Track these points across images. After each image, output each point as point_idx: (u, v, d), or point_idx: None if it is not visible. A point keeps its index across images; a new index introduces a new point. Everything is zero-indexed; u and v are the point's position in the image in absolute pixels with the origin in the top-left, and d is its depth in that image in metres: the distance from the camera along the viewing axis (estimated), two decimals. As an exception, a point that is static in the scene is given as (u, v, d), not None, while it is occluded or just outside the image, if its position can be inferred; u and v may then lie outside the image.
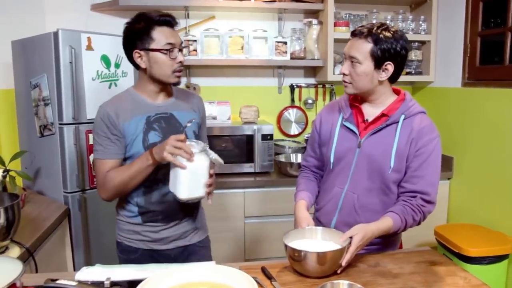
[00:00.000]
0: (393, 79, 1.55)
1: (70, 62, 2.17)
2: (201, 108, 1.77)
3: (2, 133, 2.62)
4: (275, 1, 3.02)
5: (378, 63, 1.47)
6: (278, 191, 2.82)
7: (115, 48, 2.39)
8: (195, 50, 3.04)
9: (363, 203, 1.57)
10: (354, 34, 1.52)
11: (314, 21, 3.06)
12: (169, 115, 1.65)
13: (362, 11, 3.20)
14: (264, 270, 1.41)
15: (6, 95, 2.62)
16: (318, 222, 1.70)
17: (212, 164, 1.53)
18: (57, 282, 1.03)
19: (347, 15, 3.13)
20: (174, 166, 1.46)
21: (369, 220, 1.52)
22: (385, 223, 1.47)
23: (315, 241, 1.49)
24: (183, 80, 3.26)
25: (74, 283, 1.04)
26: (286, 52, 3.10)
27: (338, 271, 1.38)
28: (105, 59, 2.36)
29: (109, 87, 2.38)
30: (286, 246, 1.39)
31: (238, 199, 2.82)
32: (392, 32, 1.47)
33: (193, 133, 1.70)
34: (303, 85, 3.38)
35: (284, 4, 3.05)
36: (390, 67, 1.48)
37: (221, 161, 1.52)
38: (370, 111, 1.58)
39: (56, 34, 2.15)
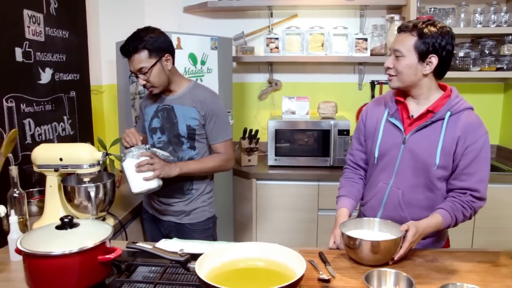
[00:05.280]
0: (439, 74, 1.55)
1: (162, 60, 2.44)
2: (205, 106, 1.88)
3: (106, 121, 3.02)
4: (356, -2, 3.04)
5: (422, 56, 1.48)
6: (351, 186, 2.86)
7: (201, 47, 2.62)
8: (277, 48, 3.19)
9: (408, 199, 1.59)
10: (400, 29, 1.54)
11: (396, 17, 3.02)
12: (170, 107, 1.92)
13: (449, 4, 3.07)
14: (321, 255, 1.51)
15: (110, 89, 3.01)
16: (363, 216, 1.71)
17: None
18: (137, 244, 1.24)
19: (432, 9, 3.03)
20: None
21: (414, 217, 1.53)
22: (435, 220, 1.49)
23: (372, 231, 1.54)
24: (266, 76, 3.43)
25: (150, 246, 1.24)
26: (366, 49, 3.10)
27: (390, 263, 1.42)
28: (192, 57, 2.60)
29: (195, 83, 2.62)
30: (342, 234, 1.47)
31: (313, 191, 2.91)
32: (438, 28, 1.47)
33: (186, 127, 1.89)
34: (384, 81, 3.35)
35: (366, 0, 3.05)
36: (434, 59, 1.48)
37: (167, 154, 1.84)
38: (415, 107, 1.59)
39: (150, 35, 2.43)
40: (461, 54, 3.05)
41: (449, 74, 2.98)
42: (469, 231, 2.89)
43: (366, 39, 3.10)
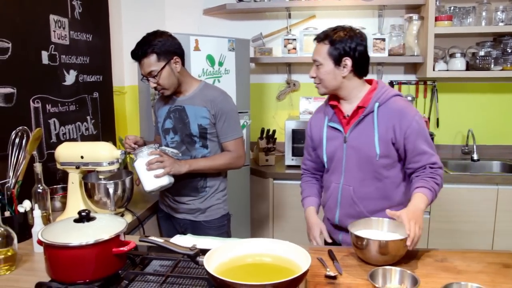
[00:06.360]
0: (360, 73, 1.65)
1: (180, 62, 2.51)
2: (215, 105, 1.92)
3: (128, 121, 3.12)
4: (374, -2, 3.04)
5: (337, 61, 1.60)
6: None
7: (219, 48, 2.68)
8: (294, 49, 3.22)
9: (359, 194, 1.69)
10: (315, 40, 1.67)
11: (415, 16, 3.00)
12: (182, 108, 1.97)
13: (470, 2, 3.03)
14: (330, 253, 1.53)
15: (132, 90, 3.10)
16: (326, 219, 1.86)
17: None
18: (149, 238, 1.30)
19: (451, 8, 3.00)
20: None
21: (370, 209, 1.66)
22: (419, 198, 1.53)
23: (382, 232, 1.55)
24: (284, 77, 3.47)
25: (161, 240, 1.29)
26: (384, 49, 3.09)
27: (410, 248, 1.40)
28: (210, 58, 2.66)
29: (213, 83, 2.68)
30: (351, 233, 1.48)
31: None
32: (346, 32, 1.60)
33: (197, 127, 1.94)
34: (403, 81, 3.33)
35: (384, 0, 3.04)
36: (348, 62, 1.59)
37: (176, 151, 1.91)
38: (348, 107, 1.69)
39: (169, 37, 2.50)
40: (482, 53, 3.01)
41: (469, 74, 3.00)
42: (490, 234, 2.84)
43: (384, 39, 3.09)
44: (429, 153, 1.61)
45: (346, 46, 1.58)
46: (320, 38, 1.63)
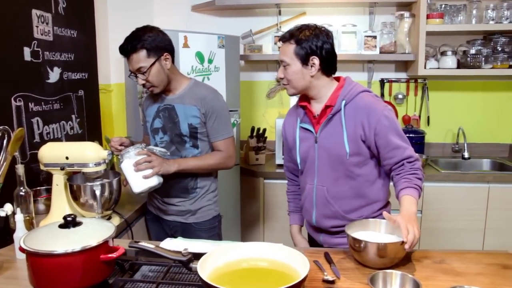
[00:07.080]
0: (327, 72, 1.61)
1: (169, 59, 2.44)
2: (205, 104, 1.87)
3: (115, 120, 3.03)
4: (365, -5, 3.01)
5: (304, 60, 1.56)
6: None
7: (208, 45, 2.62)
8: (284, 46, 3.17)
9: (333, 193, 1.66)
10: (280, 39, 1.63)
11: (406, 14, 2.99)
12: (171, 107, 1.91)
13: (461, 0, 3.02)
14: (326, 255, 1.49)
15: (118, 88, 3.02)
16: (306, 220, 1.84)
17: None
18: (139, 243, 1.24)
19: (443, 5, 2.98)
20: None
21: (345, 208, 1.64)
22: (409, 201, 1.50)
23: (379, 233, 1.51)
24: (274, 74, 3.42)
25: (152, 246, 1.23)
26: (375, 47, 3.07)
27: (409, 250, 1.36)
28: (199, 55, 2.60)
29: (203, 81, 2.61)
30: (348, 235, 1.44)
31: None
32: (311, 30, 1.56)
33: (187, 126, 1.88)
34: (393, 79, 3.31)
35: (375, -3, 3.02)
36: (315, 60, 1.56)
37: (164, 150, 1.86)
38: (317, 107, 1.65)
39: (157, 34, 2.43)
40: (473, 51, 3.00)
41: (460, 72, 3.00)
42: (480, 232, 2.84)
43: (375, 37, 3.06)
44: (402, 147, 1.58)
45: (313, 44, 1.54)
46: (286, 38, 1.59)
